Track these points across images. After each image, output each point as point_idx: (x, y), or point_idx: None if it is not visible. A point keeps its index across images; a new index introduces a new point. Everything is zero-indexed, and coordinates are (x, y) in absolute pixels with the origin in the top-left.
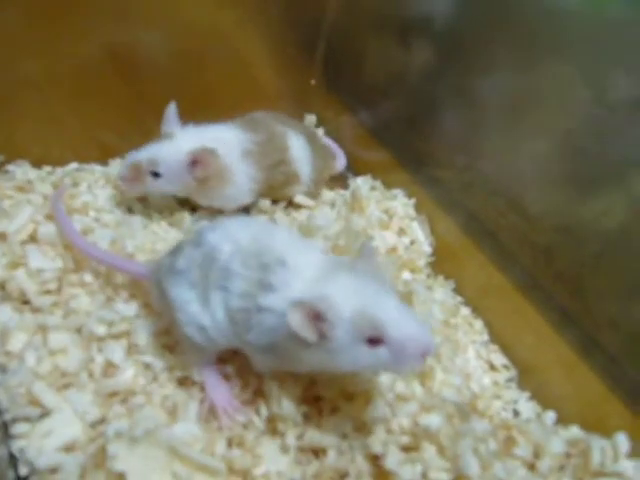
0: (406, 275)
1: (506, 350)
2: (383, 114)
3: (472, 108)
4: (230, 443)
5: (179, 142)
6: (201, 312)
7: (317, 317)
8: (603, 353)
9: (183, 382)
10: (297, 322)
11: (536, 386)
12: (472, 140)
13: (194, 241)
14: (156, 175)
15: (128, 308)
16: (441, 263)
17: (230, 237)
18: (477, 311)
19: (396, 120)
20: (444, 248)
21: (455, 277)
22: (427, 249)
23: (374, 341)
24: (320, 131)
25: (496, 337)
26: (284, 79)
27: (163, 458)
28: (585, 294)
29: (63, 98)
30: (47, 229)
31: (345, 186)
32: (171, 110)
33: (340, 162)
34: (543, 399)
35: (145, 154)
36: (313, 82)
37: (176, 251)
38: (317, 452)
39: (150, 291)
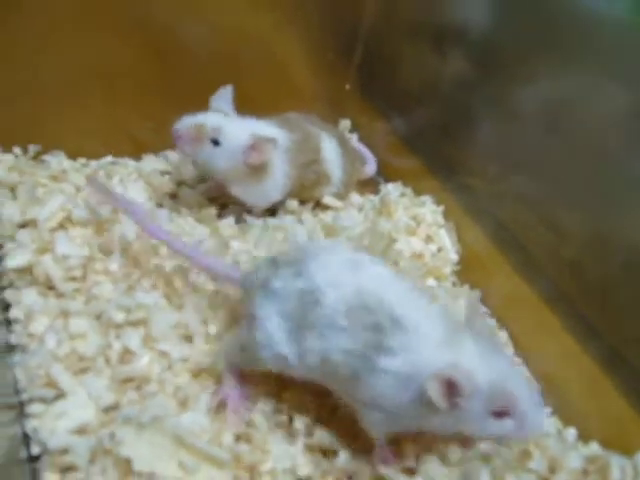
0: (431, 282)
1: (530, 363)
2: (416, 121)
3: (507, 118)
4: (238, 437)
5: (241, 122)
6: (286, 343)
7: (453, 387)
8: (628, 369)
9: (197, 374)
10: (435, 392)
11: (558, 401)
12: (505, 150)
13: (293, 267)
14: (216, 143)
15: (148, 297)
16: (467, 272)
17: (335, 280)
18: (502, 322)
19: (429, 127)
20: (471, 257)
21: (481, 287)
22: (454, 257)
23: (501, 413)
24: (353, 136)
25: (520, 349)
26: (320, 83)
27: (170, 446)
28: (611, 308)
29: (102, 94)
30: (77, 216)
31: (375, 191)
32: (228, 90)
33: (370, 167)
34: (565, 415)
35: (211, 120)
36: (348, 87)
37: (271, 266)
38: (326, 452)
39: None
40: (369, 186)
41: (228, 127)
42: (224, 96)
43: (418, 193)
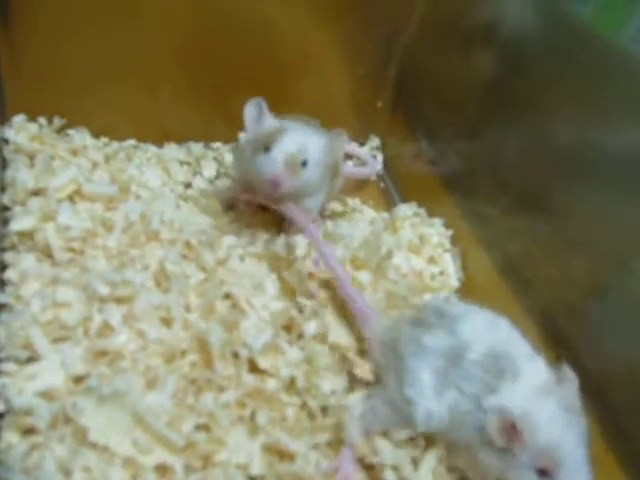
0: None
1: None
2: (442, 144)
3: (531, 152)
4: (198, 426)
5: (307, 130)
6: (432, 398)
7: (512, 430)
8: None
9: (170, 358)
10: (493, 426)
11: None
12: (523, 184)
13: (447, 327)
14: (304, 164)
15: (137, 276)
16: (466, 299)
17: (480, 338)
18: None
19: (453, 151)
20: (472, 285)
21: None
22: (454, 283)
23: (544, 472)
24: (380, 156)
25: None
26: (352, 97)
27: (127, 423)
28: (608, 360)
29: (134, 79)
30: (87, 190)
31: (390, 210)
32: (259, 102)
33: (370, 170)
34: None
35: (292, 144)
36: (380, 104)
37: (420, 323)
38: (283, 455)
39: (371, 345)
40: (383, 205)
41: (310, 142)
42: (258, 106)
43: (431, 215)
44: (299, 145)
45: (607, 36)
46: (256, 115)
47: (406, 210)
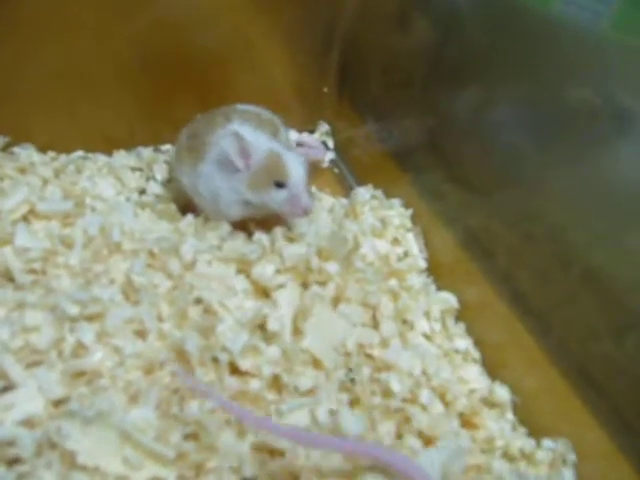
0: (393, 282)
1: (496, 372)
2: (393, 125)
3: (483, 126)
4: (186, 435)
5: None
6: None
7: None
8: (594, 384)
9: (149, 370)
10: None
11: (523, 411)
12: (478, 157)
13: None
14: None
15: (104, 292)
16: (434, 278)
17: None
18: (470, 329)
19: (405, 131)
20: (439, 263)
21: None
22: (421, 263)
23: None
24: (331, 142)
25: (487, 359)
26: (297, 85)
27: (115, 442)
28: (577, 321)
29: (76, 88)
30: (41, 209)
31: (347, 194)
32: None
33: (319, 154)
34: (529, 426)
35: (299, 169)
36: (326, 90)
37: None
38: (273, 452)
39: None
40: (341, 189)
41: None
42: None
43: (389, 196)
44: (303, 166)
45: (537, 8)
46: (239, 148)
47: (364, 194)
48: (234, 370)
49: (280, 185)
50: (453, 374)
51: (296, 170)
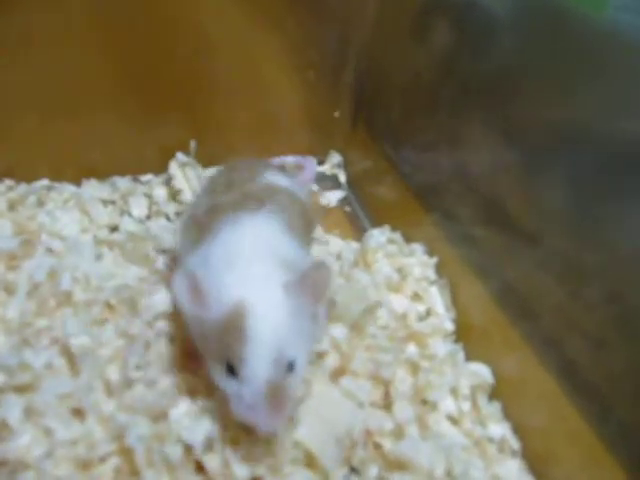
0: (411, 349)
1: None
2: (415, 156)
3: (527, 155)
4: None
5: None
6: None
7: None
8: None
9: (84, 465)
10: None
11: None
12: (517, 197)
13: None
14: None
15: (39, 356)
16: (463, 342)
17: None
18: (507, 410)
19: (429, 164)
20: (468, 323)
21: (479, 362)
22: (447, 325)
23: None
24: (342, 175)
25: (530, 453)
26: (304, 108)
27: None
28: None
29: (45, 107)
30: None
31: (360, 238)
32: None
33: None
34: None
35: (266, 353)
36: (337, 114)
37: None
38: None
39: None
40: (354, 231)
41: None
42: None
43: (409, 241)
44: (277, 343)
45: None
46: (192, 293)
47: (379, 237)
48: (199, 469)
49: (231, 371)
50: (486, 471)
51: (261, 352)
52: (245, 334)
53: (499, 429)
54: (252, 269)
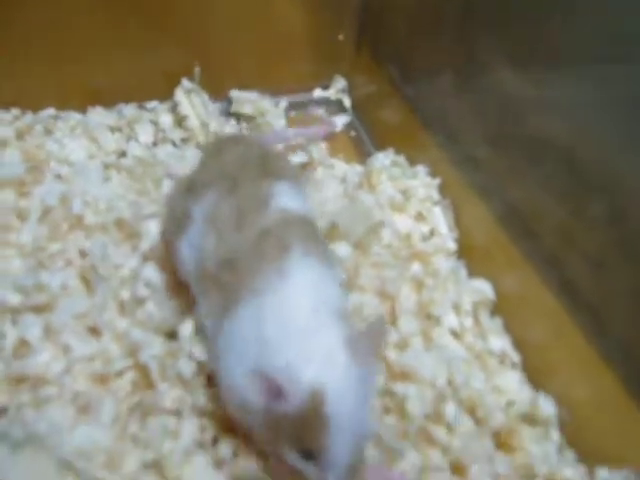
0: (416, 267)
1: (539, 380)
2: (420, 79)
3: (527, 79)
4: (146, 462)
5: None
6: None
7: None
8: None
9: (102, 379)
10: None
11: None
12: (520, 117)
13: None
14: None
15: (55, 277)
16: (466, 261)
17: None
18: (509, 326)
19: (433, 87)
20: (470, 243)
21: (481, 279)
22: (450, 244)
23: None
24: (347, 100)
25: (530, 365)
26: (307, 31)
27: (51, 470)
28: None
29: (49, 35)
30: None
31: (364, 160)
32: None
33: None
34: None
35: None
36: (342, 37)
37: None
38: None
39: None
40: (358, 155)
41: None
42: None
43: (413, 163)
44: (357, 426)
45: None
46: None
47: (383, 160)
48: (209, 383)
49: (310, 455)
50: (486, 383)
51: (344, 441)
52: (325, 423)
53: (500, 343)
54: (316, 340)
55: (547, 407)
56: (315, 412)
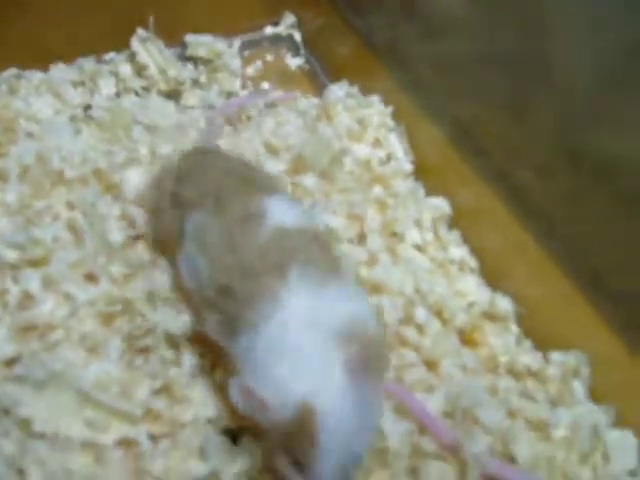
0: (377, 190)
1: (495, 282)
2: (368, 8)
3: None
4: (154, 390)
5: None
6: None
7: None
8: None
9: (106, 319)
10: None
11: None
12: (464, 36)
13: None
14: None
15: (46, 231)
16: (422, 181)
17: None
18: (466, 237)
19: (384, 16)
20: (425, 164)
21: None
22: (407, 167)
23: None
24: (298, 35)
25: (487, 269)
26: None
27: (73, 403)
28: (582, 219)
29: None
30: None
31: (320, 94)
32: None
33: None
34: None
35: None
36: None
37: None
38: None
39: None
40: (314, 88)
41: None
42: None
43: (366, 93)
44: (347, 443)
45: None
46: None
47: (337, 91)
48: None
49: (298, 462)
50: (449, 288)
51: (332, 456)
52: (314, 438)
53: (458, 252)
54: (309, 358)
55: (504, 304)
56: (304, 426)
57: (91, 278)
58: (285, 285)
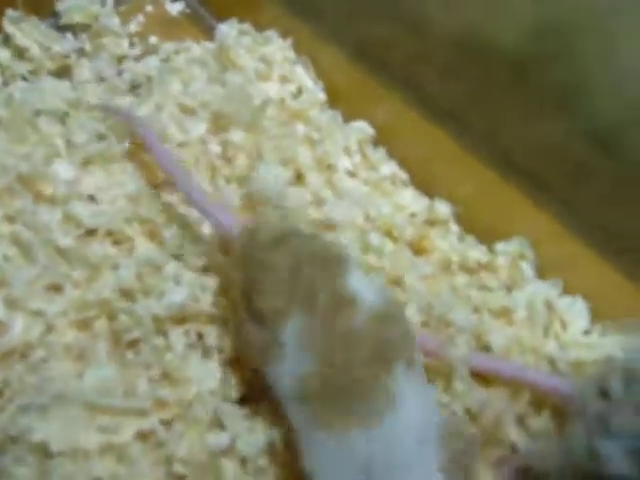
0: (299, 127)
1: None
2: None
3: None
4: (151, 379)
5: None
6: None
7: None
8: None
9: (84, 325)
10: None
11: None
12: None
13: None
14: None
15: None
16: (338, 106)
17: None
18: (390, 151)
19: None
20: (338, 91)
21: (359, 119)
22: (320, 96)
23: None
24: None
25: (416, 180)
26: None
27: (82, 415)
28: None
29: None
30: None
31: (211, 37)
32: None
33: None
34: None
35: None
36: None
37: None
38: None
39: None
40: (203, 33)
41: None
42: None
43: (260, 28)
44: None
45: None
46: None
47: (230, 31)
48: None
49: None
50: (390, 205)
51: None
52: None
53: (388, 168)
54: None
55: (442, 208)
56: None
57: (55, 288)
58: (393, 379)
